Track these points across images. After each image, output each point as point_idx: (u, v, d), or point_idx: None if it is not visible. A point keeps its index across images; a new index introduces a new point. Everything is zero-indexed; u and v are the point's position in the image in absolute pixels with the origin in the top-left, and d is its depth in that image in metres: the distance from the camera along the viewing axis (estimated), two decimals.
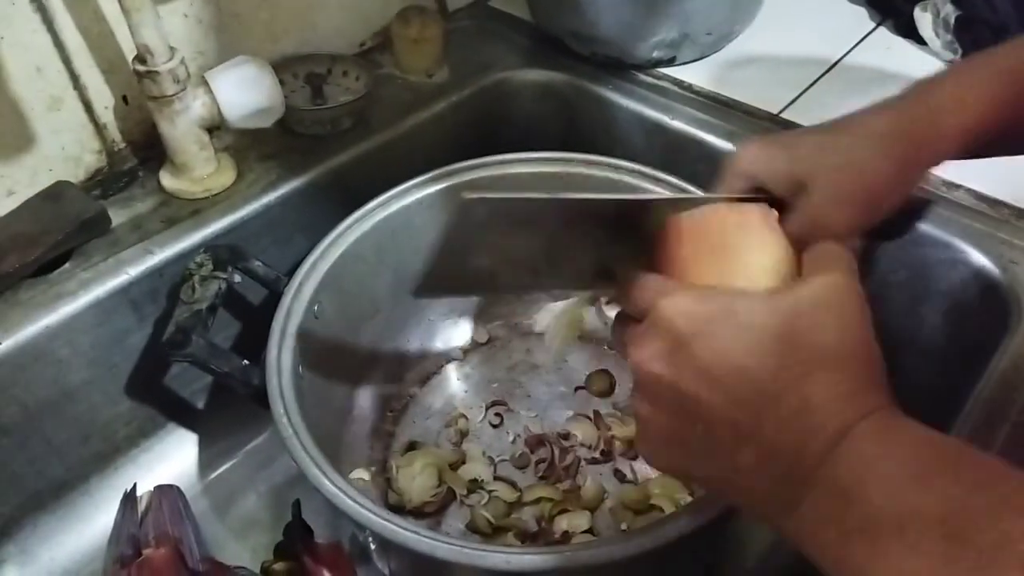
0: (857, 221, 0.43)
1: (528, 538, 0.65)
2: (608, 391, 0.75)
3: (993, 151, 0.45)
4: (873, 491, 0.29)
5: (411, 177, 0.69)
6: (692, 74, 0.81)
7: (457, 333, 0.80)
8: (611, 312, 0.78)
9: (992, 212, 0.65)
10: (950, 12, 0.80)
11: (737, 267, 0.39)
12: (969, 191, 0.66)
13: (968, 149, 0.44)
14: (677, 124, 0.76)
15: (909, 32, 0.85)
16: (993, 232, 0.63)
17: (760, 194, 0.45)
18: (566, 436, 0.70)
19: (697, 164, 0.73)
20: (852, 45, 0.85)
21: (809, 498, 0.31)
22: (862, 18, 0.89)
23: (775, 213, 0.42)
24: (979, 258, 0.62)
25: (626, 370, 0.76)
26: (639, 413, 0.38)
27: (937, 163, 0.44)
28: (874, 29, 0.88)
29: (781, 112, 0.76)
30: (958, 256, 0.63)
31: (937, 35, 0.82)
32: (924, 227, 0.64)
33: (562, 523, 0.64)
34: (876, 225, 0.45)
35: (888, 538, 0.27)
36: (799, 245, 0.41)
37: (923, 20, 0.83)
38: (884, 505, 0.28)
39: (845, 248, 0.38)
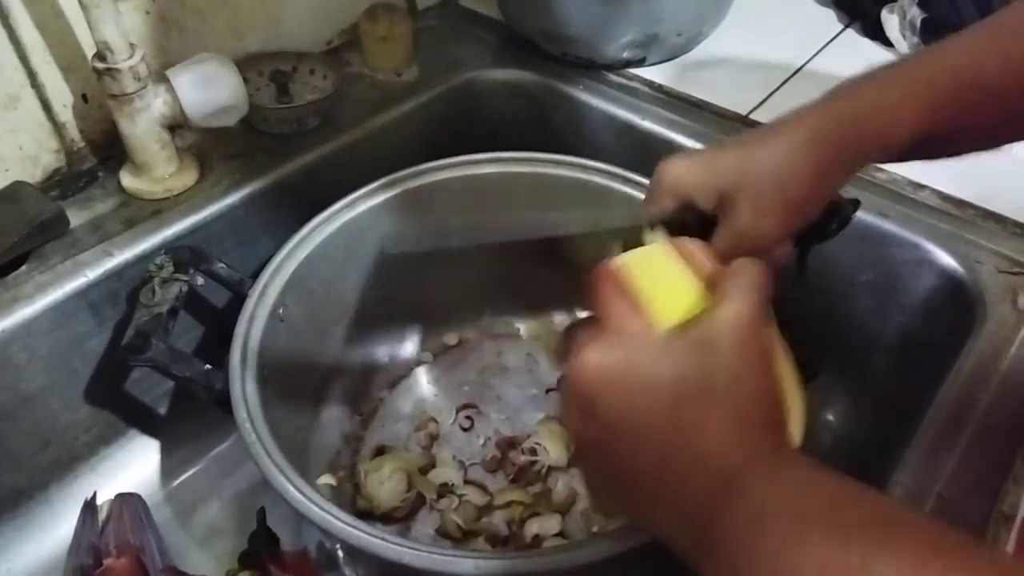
0: (781, 229, 0.44)
1: (499, 542, 0.64)
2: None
3: (917, 156, 0.45)
4: (761, 553, 0.29)
5: (379, 177, 0.68)
6: (662, 75, 0.81)
7: (427, 336, 0.79)
8: (582, 313, 0.78)
9: (958, 212, 0.65)
10: (916, 15, 0.81)
11: (654, 309, 0.38)
12: (935, 192, 0.67)
13: (890, 154, 0.44)
14: (647, 124, 0.76)
15: (876, 34, 0.86)
16: (959, 232, 0.64)
17: (687, 211, 0.45)
18: (533, 451, 0.69)
19: None
20: (820, 47, 0.85)
21: (712, 559, 0.31)
22: (830, 20, 0.90)
23: (696, 242, 0.41)
24: (945, 258, 0.63)
25: None
26: (579, 467, 0.38)
27: (858, 167, 0.45)
28: (842, 31, 0.88)
29: (750, 113, 0.76)
30: (924, 256, 0.63)
31: (904, 37, 0.83)
32: (890, 227, 0.65)
33: (533, 527, 0.64)
34: (804, 229, 0.45)
35: None
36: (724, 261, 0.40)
37: (890, 22, 0.84)
38: (772, 567, 0.28)
39: (755, 267, 0.37)
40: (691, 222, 0.46)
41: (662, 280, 0.39)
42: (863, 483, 0.30)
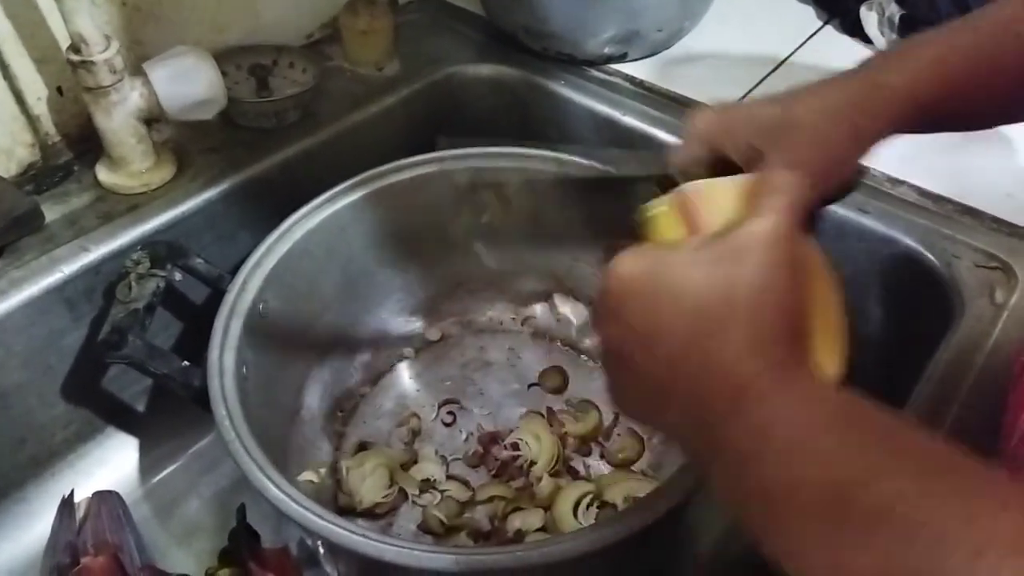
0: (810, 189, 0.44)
1: (481, 537, 0.64)
2: (561, 388, 0.74)
3: (939, 127, 0.47)
4: (767, 458, 0.30)
5: (360, 172, 0.68)
6: (643, 70, 0.81)
7: (409, 331, 0.79)
8: (563, 308, 0.78)
9: (936, 208, 0.66)
10: (895, 11, 0.82)
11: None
12: (913, 187, 0.68)
13: (915, 122, 0.45)
14: (628, 120, 0.76)
15: (855, 31, 0.86)
16: (937, 227, 0.64)
17: (717, 161, 0.46)
18: (515, 446, 0.69)
19: None
20: (799, 43, 0.86)
21: (718, 460, 0.32)
22: (809, 17, 0.90)
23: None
24: (923, 253, 0.63)
25: (579, 367, 0.76)
26: (604, 365, 0.40)
27: (887, 134, 0.45)
28: (821, 28, 0.89)
29: None
30: (902, 251, 0.64)
31: (882, 34, 0.83)
32: (869, 223, 0.65)
33: (515, 522, 0.64)
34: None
35: (781, 504, 0.29)
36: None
37: (869, 19, 0.84)
38: (776, 473, 0.29)
39: (790, 179, 0.38)
40: (719, 174, 0.46)
41: (707, 204, 0.40)
42: (874, 400, 0.30)
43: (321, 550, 0.57)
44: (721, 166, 0.46)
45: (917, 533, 0.25)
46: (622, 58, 0.82)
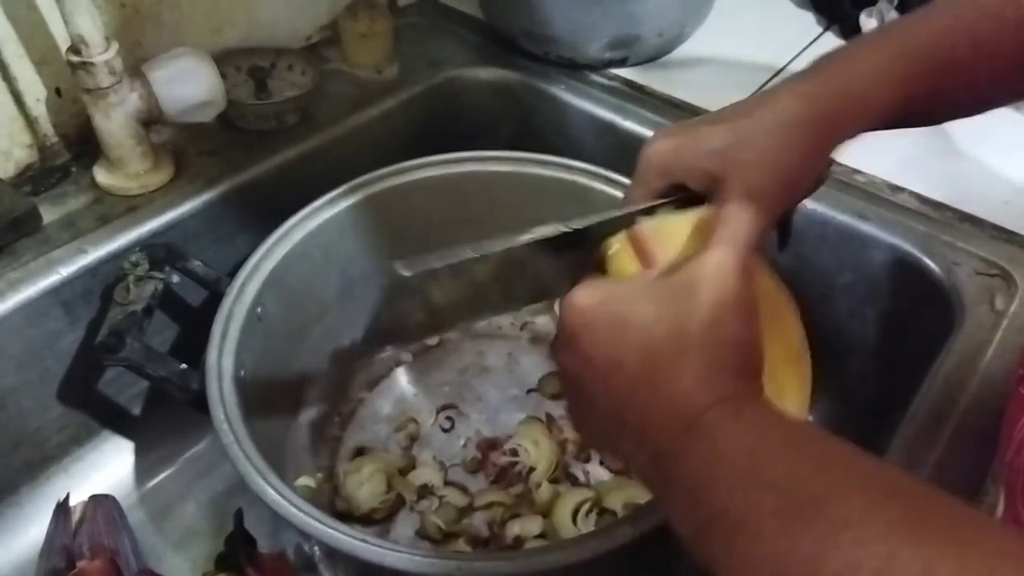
0: (774, 213, 0.43)
1: (480, 544, 0.64)
2: (560, 393, 0.74)
3: (899, 126, 0.45)
4: (718, 488, 0.30)
5: (359, 175, 0.67)
6: (643, 75, 0.81)
7: (407, 335, 0.78)
8: None
9: (935, 215, 0.66)
10: (894, 18, 0.82)
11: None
12: (913, 194, 0.68)
13: (874, 127, 0.44)
14: (628, 125, 0.76)
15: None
16: (936, 235, 0.64)
17: (678, 192, 0.44)
18: (514, 452, 0.69)
19: None
20: (800, 50, 0.86)
21: (672, 490, 0.33)
22: (810, 23, 0.91)
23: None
24: (923, 260, 0.63)
25: None
26: (564, 393, 0.41)
27: (845, 140, 0.44)
28: (821, 34, 0.89)
29: None
30: (902, 258, 0.64)
31: None
32: (869, 229, 0.65)
33: (514, 528, 0.63)
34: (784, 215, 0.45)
35: (733, 532, 0.29)
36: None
37: (869, 26, 0.84)
38: (727, 502, 0.29)
39: (743, 214, 0.39)
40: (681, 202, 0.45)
41: (660, 240, 0.41)
42: (823, 430, 0.31)
43: (318, 555, 0.57)
44: (682, 196, 0.44)
45: (863, 561, 0.25)
46: (622, 63, 0.82)
